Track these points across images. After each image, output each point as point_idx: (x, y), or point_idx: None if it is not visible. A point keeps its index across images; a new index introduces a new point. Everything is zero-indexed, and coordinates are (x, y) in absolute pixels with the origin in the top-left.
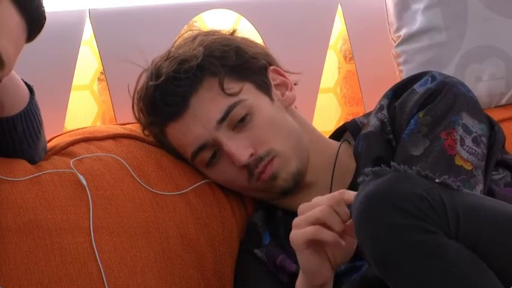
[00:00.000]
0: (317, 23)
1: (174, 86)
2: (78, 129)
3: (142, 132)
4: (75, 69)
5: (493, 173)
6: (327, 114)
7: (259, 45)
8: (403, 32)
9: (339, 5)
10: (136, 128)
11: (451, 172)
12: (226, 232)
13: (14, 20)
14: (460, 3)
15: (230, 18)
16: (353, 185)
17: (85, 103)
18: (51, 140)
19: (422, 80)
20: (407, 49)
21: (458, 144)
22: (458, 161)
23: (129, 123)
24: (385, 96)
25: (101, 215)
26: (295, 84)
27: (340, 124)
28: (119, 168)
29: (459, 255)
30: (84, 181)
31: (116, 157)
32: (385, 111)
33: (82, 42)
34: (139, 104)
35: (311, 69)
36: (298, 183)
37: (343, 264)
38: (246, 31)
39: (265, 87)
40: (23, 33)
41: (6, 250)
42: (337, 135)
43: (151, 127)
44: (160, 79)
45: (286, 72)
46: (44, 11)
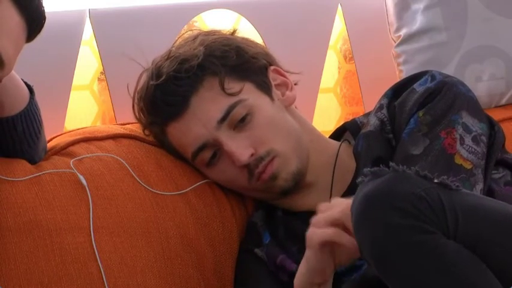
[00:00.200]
0: (317, 23)
1: (174, 85)
2: (78, 129)
3: (143, 132)
4: (75, 69)
5: (493, 172)
6: (327, 114)
7: (260, 45)
8: (403, 32)
9: (339, 5)
10: (137, 128)
11: (451, 171)
12: (226, 232)
13: (14, 20)
14: (460, 3)
15: (230, 18)
16: (353, 185)
17: (85, 103)
18: (51, 140)
19: (422, 79)
20: (407, 49)
21: (458, 143)
22: (458, 160)
23: (129, 123)
24: (384, 95)
25: (101, 215)
26: (295, 84)
27: (340, 124)
28: (119, 168)
29: (458, 255)
30: (84, 181)
31: (116, 157)
32: (384, 111)
33: (82, 42)
34: (139, 103)
35: (311, 69)
36: (298, 183)
37: (346, 265)
38: (246, 31)
39: (265, 87)
40: (23, 33)
41: (6, 250)
42: (337, 135)
43: (151, 127)
44: (161, 79)
45: (287, 72)
46: (44, 11)
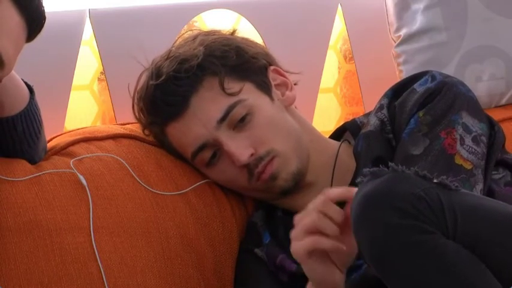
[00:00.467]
0: (317, 23)
1: (174, 85)
2: (78, 129)
3: (143, 132)
4: (75, 69)
5: (493, 172)
6: (327, 114)
7: (260, 45)
8: (403, 32)
9: (339, 5)
10: (137, 128)
11: (451, 171)
12: (226, 232)
13: (14, 20)
14: (460, 3)
15: (230, 18)
16: (353, 185)
17: (85, 103)
18: (51, 140)
19: (422, 79)
20: (407, 49)
21: (458, 144)
22: (458, 160)
23: (129, 123)
24: (385, 95)
25: (101, 215)
26: (295, 84)
27: (340, 124)
28: (119, 168)
29: (458, 255)
30: (84, 181)
31: (116, 157)
32: (385, 111)
33: (82, 42)
34: (139, 103)
35: (311, 69)
36: (298, 183)
37: (350, 264)
38: (246, 31)
39: (265, 87)
40: (23, 33)
41: (6, 250)
42: (337, 135)
43: (151, 127)
44: (161, 78)
45: (286, 72)
46: (44, 11)
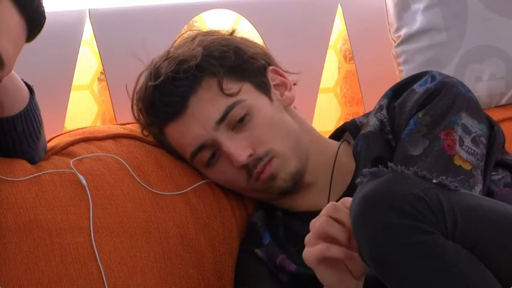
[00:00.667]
0: (317, 23)
1: (173, 86)
2: (78, 129)
3: (142, 132)
4: (75, 69)
5: (493, 173)
6: (327, 114)
7: (259, 45)
8: (403, 32)
9: (339, 5)
10: (137, 128)
11: (450, 172)
12: (226, 232)
13: (14, 20)
14: (460, 3)
15: (230, 18)
16: (352, 185)
17: (85, 103)
18: (51, 140)
19: (422, 80)
20: (407, 49)
21: (458, 145)
22: (458, 161)
23: (129, 123)
24: (384, 96)
25: (101, 215)
26: (294, 84)
27: (340, 124)
28: (119, 168)
29: (457, 255)
30: (84, 181)
31: (116, 157)
32: (384, 111)
33: (82, 42)
34: (138, 104)
35: (311, 69)
36: (297, 183)
37: (365, 272)
38: (246, 31)
39: (264, 88)
40: (23, 33)
41: (6, 250)
42: (336, 135)
43: (150, 127)
44: (160, 79)
45: (286, 72)
46: (43, 11)
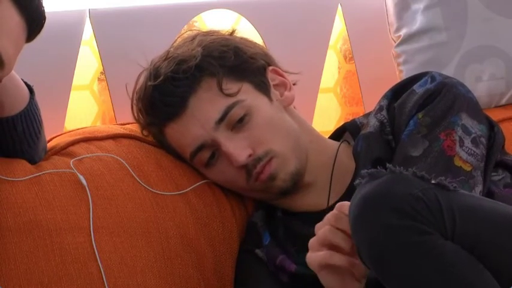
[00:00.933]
0: (317, 23)
1: (172, 86)
2: (78, 129)
3: (141, 132)
4: (75, 69)
5: (493, 174)
6: (327, 114)
7: (258, 45)
8: (403, 32)
9: (339, 5)
10: (136, 128)
11: (450, 173)
12: (226, 232)
13: (14, 20)
14: (460, 3)
15: (230, 18)
16: (352, 186)
17: (85, 103)
18: (51, 140)
19: (422, 80)
20: (407, 49)
21: (458, 145)
22: (458, 162)
23: (129, 123)
24: (384, 96)
25: (101, 215)
26: (294, 84)
27: (340, 124)
28: (119, 168)
29: (456, 256)
30: (84, 181)
31: (116, 157)
32: (384, 112)
33: (82, 42)
34: (138, 104)
35: (311, 69)
36: (297, 183)
37: (367, 274)
38: (246, 31)
39: (263, 88)
40: (23, 33)
41: (6, 250)
42: (336, 136)
43: (150, 127)
44: (159, 79)
45: (285, 72)
46: (43, 11)
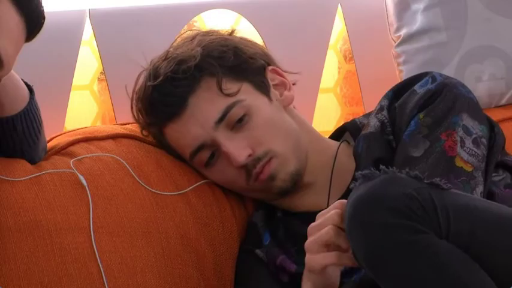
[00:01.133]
0: (317, 23)
1: (172, 86)
2: (78, 129)
3: (141, 132)
4: (75, 69)
5: (493, 174)
6: (326, 114)
7: (258, 45)
8: (403, 32)
9: (339, 5)
10: (136, 128)
11: (451, 173)
12: (226, 232)
13: (13, 19)
14: (460, 3)
15: (230, 18)
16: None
17: (85, 103)
18: (51, 140)
19: (423, 80)
20: (407, 49)
21: (459, 146)
22: (459, 163)
23: (129, 123)
24: (385, 96)
25: (101, 215)
26: (294, 84)
27: (340, 124)
28: (119, 168)
29: (451, 254)
30: (84, 181)
31: (116, 157)
32: (385, 112)
33: (82, 42)
34: (137, 104)
35: (311, 69)
36: (297, 183)
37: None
38: (246, 31)
39: (263, 88)
40: (23, 33)
41: (6, 250)
42: (336, 136)
43: (149, 127)
44: (159, 79)
45: (285, 72)
46: (43, 10)
